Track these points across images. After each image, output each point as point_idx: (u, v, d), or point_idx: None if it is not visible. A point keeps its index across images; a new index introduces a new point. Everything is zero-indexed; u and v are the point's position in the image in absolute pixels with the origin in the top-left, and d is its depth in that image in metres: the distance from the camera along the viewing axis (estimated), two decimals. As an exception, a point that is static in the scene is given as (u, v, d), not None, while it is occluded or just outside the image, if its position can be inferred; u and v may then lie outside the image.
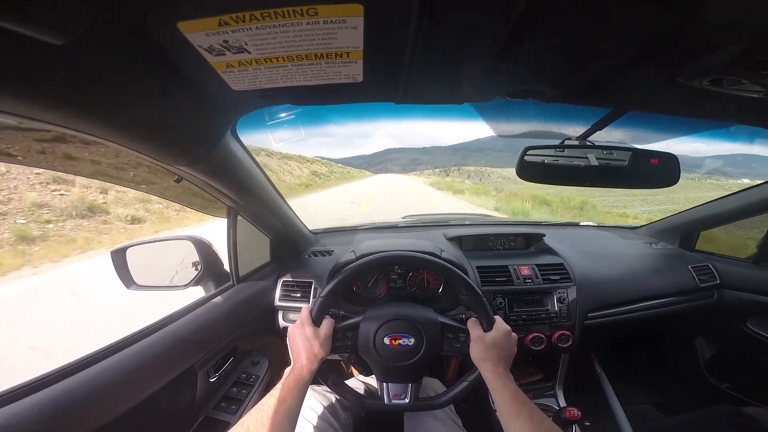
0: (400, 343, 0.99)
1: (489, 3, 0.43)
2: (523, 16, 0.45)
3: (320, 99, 0.72)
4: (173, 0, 0.41)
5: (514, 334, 1.00)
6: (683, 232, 1.96)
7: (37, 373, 0.74)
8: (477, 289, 1.04)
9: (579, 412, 1.23)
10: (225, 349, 1.21)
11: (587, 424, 1.73)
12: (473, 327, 1.00)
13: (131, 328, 0.96)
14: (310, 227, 1.79)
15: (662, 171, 1.02)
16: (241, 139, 0.96)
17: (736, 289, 1.73)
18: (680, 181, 1.01)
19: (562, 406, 1.66)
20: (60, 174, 9.40)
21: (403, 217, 2.32)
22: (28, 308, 4.58)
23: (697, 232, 1.94)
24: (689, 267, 1.74)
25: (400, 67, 0.58)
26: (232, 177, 1.01)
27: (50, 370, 0.76)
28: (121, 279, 1.23)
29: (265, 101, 0.73)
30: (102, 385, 0.78)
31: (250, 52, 0.50)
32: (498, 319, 1.01)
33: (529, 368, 1.77)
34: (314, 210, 13.88)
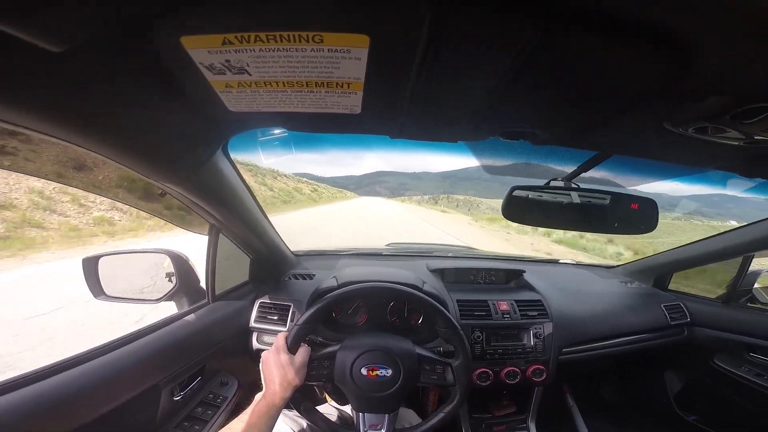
0: (377, 374, 0.98)
1: (494, 44, 0.44)
2: (525, 59, 0.46)
3: (316, 127, 0.72)
4: (180, 13, 0.40)
5: None
6: (657, 272, 2.04)
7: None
8: (455, 323, 1.04)
9: None
10: (193, 368, 1.16)
11: None
12: None
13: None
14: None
15: (642, 216, 1.05)
16: (231, 157, 0.94)
17: (705, 327, 1.81)
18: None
19: None
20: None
21: (387, 245, 2.31)
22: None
23: (671, 273, 2.02)
24: (662, 306, 1.80)
25: (400, 103, 0.59)
26: (218, 196, 1.00)
27: (8, 377, 0.72)
28: (90, 288, 1.20)
29: (260, 123, 0.73)
30: (61, 397, 0.75)
31: (250, 74, 0.49)
32: None
33: (503, 401, 1.76)
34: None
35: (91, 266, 1.19)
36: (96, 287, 1.20)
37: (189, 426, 1.13)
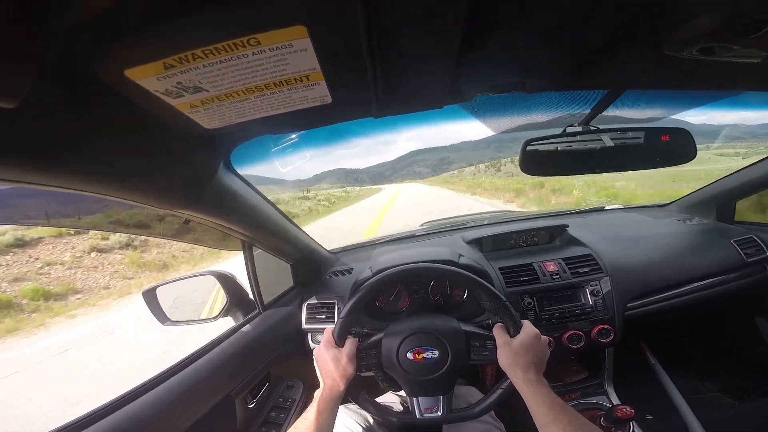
0: (424, 357, 0.98)
1: (441, 2, 0.41)
2: (483, 8, 0.42)
3: (295, 125, 0.71)
4: (112, 50, 0.40)
5: (544, 337, 0.95)
6: (718, 203, 1.82)
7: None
8: (498, 293, 1.00)
9: (632, 410, 1.15)
10: (259, 375, 1.23)
11: (650, 417, 1.61)
12: (499, 333, 0.96)
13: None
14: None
15: (677, 147, 0.98)
16: (238, 171, 0.95)
17: None
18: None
19: (614, 403, 1.56)
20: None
21: (421, 225, 2.29)
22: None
23: (733, 202, 1.80)
24: (731, 241, 1.60)
25: (366, 82, 0.56)
26: (236, 211, 1.01)
27: (92, 409, 0.79)
28: (156, 316, 1.28)
29: (244, 134, 0.72)
30: (143, 420, 0.81)
31: (207, 90, 0.48)
32: (526, 323, 0.97)
33: (572, 367, 1.68)
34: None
35: (151, 297, 1.28)
36: (160, 315, 1.29)
37: (267, 431, 1.20)
